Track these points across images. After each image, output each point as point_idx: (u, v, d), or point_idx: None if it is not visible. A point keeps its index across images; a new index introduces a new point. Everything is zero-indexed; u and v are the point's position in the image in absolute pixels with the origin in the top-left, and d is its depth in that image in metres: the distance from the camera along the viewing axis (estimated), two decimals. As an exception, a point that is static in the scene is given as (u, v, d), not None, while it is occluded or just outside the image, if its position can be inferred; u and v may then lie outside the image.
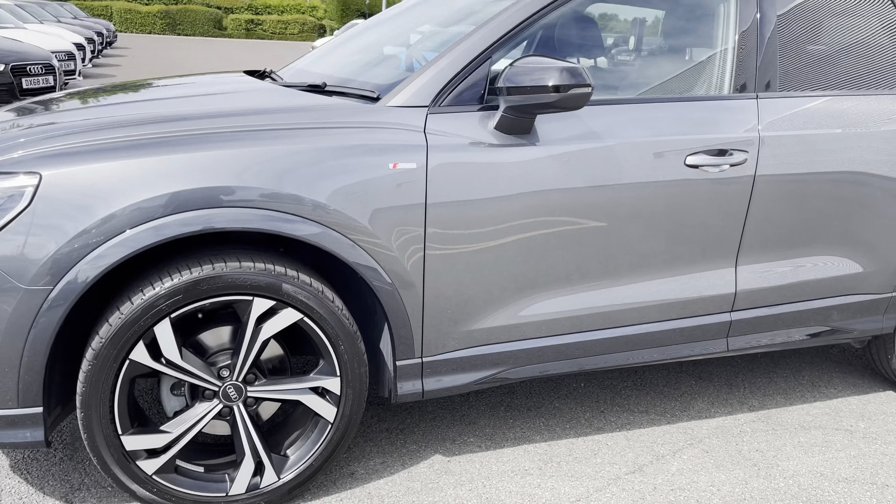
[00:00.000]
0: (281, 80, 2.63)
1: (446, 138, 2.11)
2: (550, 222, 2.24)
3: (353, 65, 2.76)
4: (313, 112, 2.10)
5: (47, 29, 14.92)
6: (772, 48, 2.54)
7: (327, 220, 1.97)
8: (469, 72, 2.19)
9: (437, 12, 3.08)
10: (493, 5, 2.50)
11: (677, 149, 2.35)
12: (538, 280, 2.29)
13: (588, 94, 2.08)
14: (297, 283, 2.00)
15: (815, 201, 2.58)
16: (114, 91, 2.71)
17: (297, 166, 1.94)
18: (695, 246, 2.47)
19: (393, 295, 2.10)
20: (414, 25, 3.08)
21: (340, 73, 2.59)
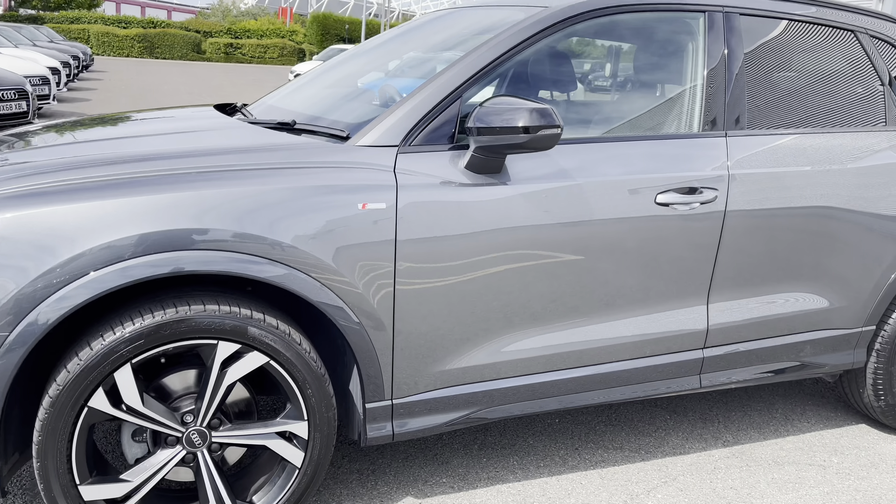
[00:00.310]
0: (250, 117, 2.60)
1: (416, 178, 2.10)
2: (522, 261, 2.23)
3: (325, 101, 2.74)
4: (281, 152, 2.08)
5: (22, 53, 14.78)
6: (740, 86, 2.57)
7: (294, 260, 1.94)
8: (439, 111, 2.18)
9: (413, 46, 3.09)
10: (469, 41, 2.51)
11: (648, 187, 2.35)
12: (511, 318, 2.28)
13: (557, 134, 2.08)
14: (264, 325, 1.96)
15: (785, 238, 2.60)
16: (82, 127, 2.67)
17: (264, 207, 1.91)
18: (667, 283, 2.47)
19: (361, 335, 2.07)
20: (389, 59, 3.08)
21: (311, 109, 2.57)
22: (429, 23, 3.07)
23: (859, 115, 2.79)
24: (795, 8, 2.76)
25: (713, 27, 2.56)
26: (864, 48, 2.84)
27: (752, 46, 2.64)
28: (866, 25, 2.87)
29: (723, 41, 2.57)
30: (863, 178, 2.68)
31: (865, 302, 2.81)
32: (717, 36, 2.56)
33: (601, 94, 2.91)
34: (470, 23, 2.77)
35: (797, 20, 2.75)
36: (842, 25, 2.81)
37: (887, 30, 2.91)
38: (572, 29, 2.42)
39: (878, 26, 2.90)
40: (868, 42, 2.85)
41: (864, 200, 2.68)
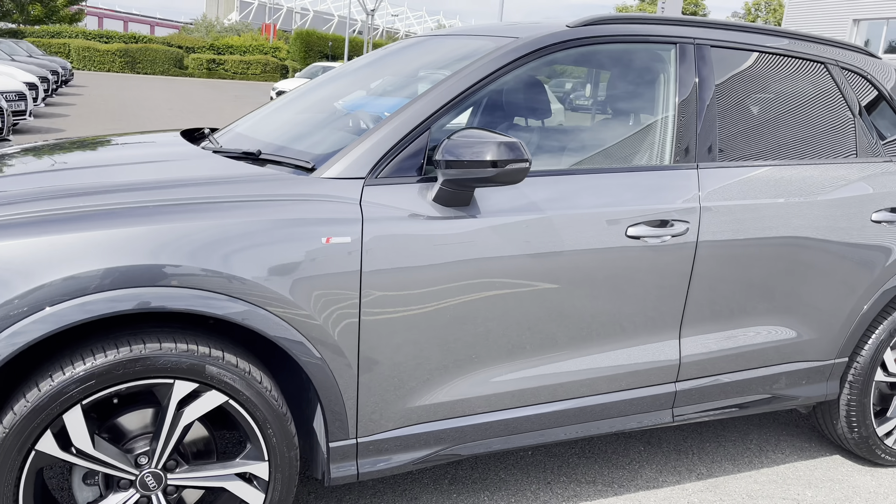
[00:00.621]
0: (216, 145, 2.55)
1: (383, 210, 2.06)
2: (492, 295, 2.19)
3: (295, 129, 2.69)
4: (242, 184, 2.03)
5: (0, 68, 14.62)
6: (711, 117, 2.56)
7: (253, 296, 1.88)
8: (407, 143, 2.15)
9: (385, 73, 3.06)
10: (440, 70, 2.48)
11: (618, 220, 2.32)
12: (482, 352, 2.23)
13: (525, 169, 2.05)
14: (222, 364, 1.90)
15: (757, 271, 2.58)
16: (42, 154, 2.60)
17: (222, 242, 1.86)
18: (638, 316, 2.44)
19: (324, 370, 2.01)
20: (360, 87, 3.05)
21: (280, 138, 2.52)
22: (402, 50, 3.04)
23: (830, 146, 2.80)
24: (766, 40, 2.76)
25: (684, 59, 2.56)
26: (834, 80, 2.84)
27: (723, 78, 2.64)
28: (836, 57, 2.88)
29: (694, 73, 2.56)
30: (834, 210, 2.67)
31: (838, 334, 2.79)
32: (689, 68, 2.56)
33: (572, 126, 2.89)
34: (443, 52, 2.75)
35: (768, 52, 2.75)
36: (812, 57, 2.82)
37: (857, 61, 2.93)
38: (543, 60, 2.40)
39: (847, 57, 2.91)
40: (838, 73, 2.86)
41: (835, 233, 2.67)
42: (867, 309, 2.80)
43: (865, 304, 2.79)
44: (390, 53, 3.09)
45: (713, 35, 2.65)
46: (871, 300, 2.80)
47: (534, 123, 2.65)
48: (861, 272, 2.76)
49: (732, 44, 2.68)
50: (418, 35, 3.14)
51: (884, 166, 2.85)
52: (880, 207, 2.76)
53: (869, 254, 2.75)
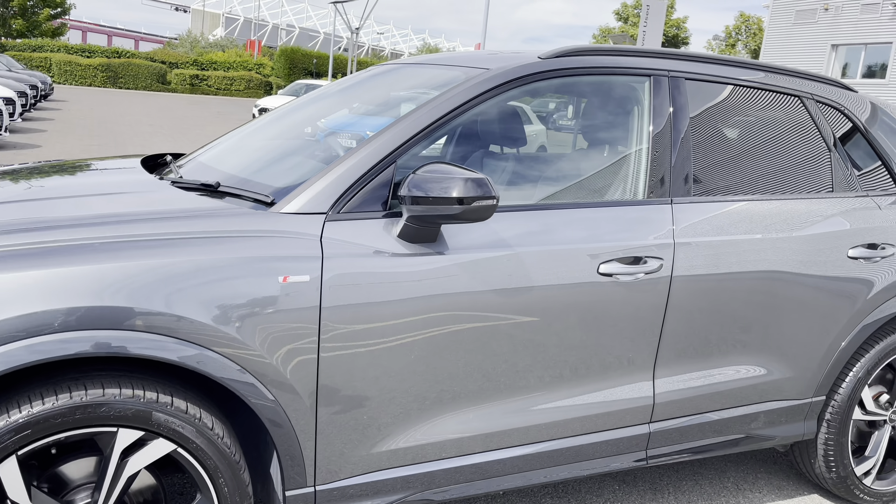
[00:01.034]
0: (176, 174, 2.46)
1: (345, 247, 1.97)
2: (459, 334, 2.10)
3: (258, 159, 2.60)
4: (196, 220, 1.93)
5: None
6: (686, 152, 2.51)
7: (203, 339, 1.79)
8: (372, 177, 2.07)
9: (360, 100, 2.99)
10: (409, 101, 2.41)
11: (590, 256, 2.26)
12: (448, 394, 2.15)
13: (492, 206, 1.98)
14: (170, 410, 1.79)
15: (732, 309, 2.52)
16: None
17: (172, 282, 1.77)
18: (611, 356, 2.36)
19: (278, 413, 1.91)
20: (333, 114, 2.98)
21: (242, 169, 2.43)
22: (374, 78, 2.97)
23: (806, 180, 2.76)
24: (742, 73, 2.73)
25: (659, 91, 2.51)
26: (809, 113, 2.81)
27: (698, 111, 2.59)
28: (811, 90, 2.85)
29: (668, 105, 2.51)
30: (810, 247, 2.62)
31: (815, 372, 2.74)
32: (663, 100, 2.51)
33: (544, 159, 2.83)
34: (414, 82, 2.68)
35: (744, 85, 2.71)
36: (788, 90, 2.79)
37: (832, 94, 2.90)
38: (513, 92, 2.34)
39: (822, 91, 2.88)
40: (814, 107, 2.83)
41: (811, 269, 2.62)
42: (845, 346, 2.75)
43: (843, 341, 2.74)
44: (363, 81, 3.02)
45: (688, 67, 2.61)
46: (849, 337, 2.75)
47: (505, 156, 2.59)
48: (838, 309, 2.70)
49: (707, 76, 2.64)
50: (393, 62, 3.07)
51: (860, 201, 2.81)
52: (857, 243, 2.72)
53: (846, 291, 2.70)
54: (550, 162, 2.78)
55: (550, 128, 2.90)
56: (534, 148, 2.79)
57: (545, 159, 2.81)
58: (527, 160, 2.67)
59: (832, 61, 23.08)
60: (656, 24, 15.44)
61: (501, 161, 2.58)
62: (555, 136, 2.85)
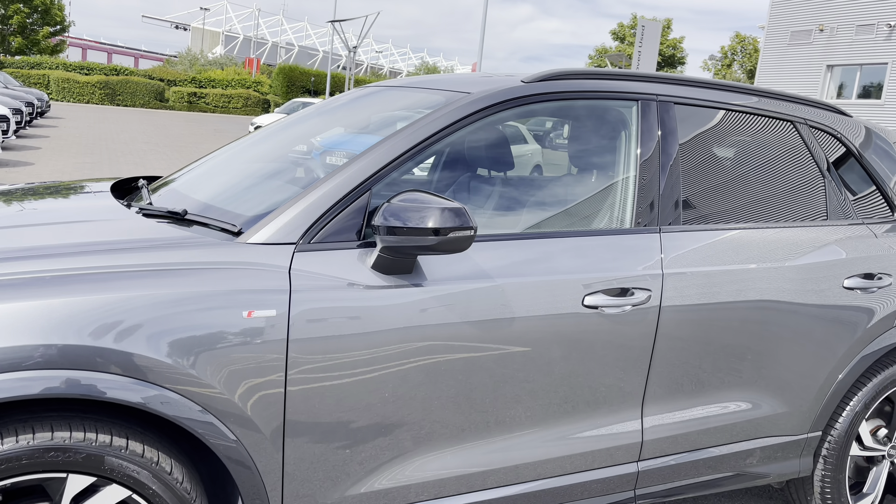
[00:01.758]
0: (147, 200, 2.36)
1: (315, 280, 1.88)
2: (436, 369, 2.00)
3: (231, 185, 2.50)
4: (157, 251, 1.84)
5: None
6: (675, 179, 2.42)
7: (163, 378, 1.69)
8: (345, 205, 1.98)
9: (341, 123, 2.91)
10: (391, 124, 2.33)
11: (575, 289, 2.16)
12: (423, 434, 2.04)
13: (470, 237, 1.89)
14: (125, 454, 1.69)
15: (724, 342, 2.42)
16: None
17: (127, 317, 1.67)
18: (597, 392, 2.26)
19: (241, 453, 1.80)
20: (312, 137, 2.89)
21: (214, 195, 2.33)
22: (357, 101, 2.89)
23: (799, 208, 2.67)
24: (732, 97, 2.65)
25: (647, 116, 2.43)
26: (802, 138, 2.73)
27: (688, 137, 2.51)
28: (804, 115, 2.77)
29: (657, 131, 2.43)
30: (803, 277, 2.53)
31: (811, 406, 2.64)
32: (651, 126, 2.42)
33: (527, 186, 2.74)
34: (395, 105, 2.60)
35: (734, 110, 2.63)
36: (780, 115, 2.71)
37: (825, 119, 2.82)
38: (496, 117, 2.26)
39: (817, 116, 2.81)
40: (807, 132, 2.75)
41: (805, 300, 2.53)
42: (842, 379, 2.65)
43: (840, 375, 2.64)
44: (346, 103, 2.94)
45: (677, 92, 2.53)
46: (846, 370, 2.65)
47: (486, 183, 2.50)
48: (835, 341, 2.61)
49: (698, 101, 2.56)
50: (378, 83, 2.99)
51: (855, 229, 2.72)
52: (852, 273, 2.63)
53: (842, 322, 2.61)
54: (534, 189, 2.69)
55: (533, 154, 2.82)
56: (516, 175, 2.71)
57: (528, 187, 2.72)
58: (509, 187, 2.58)
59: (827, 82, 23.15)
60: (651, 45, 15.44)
61: (481, 188, 2.49)
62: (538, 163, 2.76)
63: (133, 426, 1.76)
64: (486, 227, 2.22)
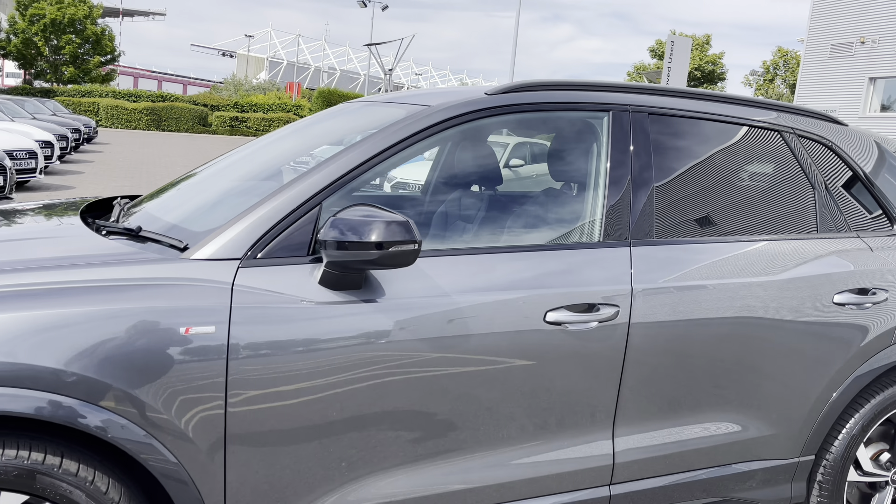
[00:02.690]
0: (114, 218, 2.38)
1: (259, 296, 1.85)
2: (387, 388, 1.95)
3: (201, 202, 2.49)
4: (97, 267, 1.83)
5: (14, 126, 14.91)
6: (647, 191, 2.34)
7: (94, 396, 1.67)
8: (293, 220, 1.96)
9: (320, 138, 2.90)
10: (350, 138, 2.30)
11: (536, 304, 2.09)
12: (374, 456, 1.99)
13: (414, 251, 1.85)
14: (57, 472, 1.68)
15: (701, 360, 2.32)
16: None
17: (59, 334, 1.66)
18: (563, 411, 2.18)
19: (180, 474, 1.77)
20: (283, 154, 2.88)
21: (178, 212, 2.32)
22: (329, 117, 2.88)
23: (785, 221, 2.56)
24: (714, 107, 2.56)
25: (618, 127, 2.36)
26: (790, 148, 2.62)
27: (664, 148, 2.43)
28: (793, 124, 2.66)
29: (629, 142, 2.35)
30: (788, 292, 2.41)
31: (802, 429, 2.50)
32: (623, 137, 2.35)
33: (490, 199, 2.68)
34: (362, 121, 2.58)
35: (716, 120, 2.54)
36: (764, 125, 2.61)
37: (818, 128, 2.70)
38: (456, 129, 2.22)
39: (806, 125, 2.69)
40: (795, 142, 2.63)
41: (791, 316, 2.41)
42: (835, 400, 2.51)
43: (832, 395, 2.50)
44: (323, 119, 2.93)
45: (653, 102, 2.45)
46: (840, 390, 2.51)
47: (447, 196, 2.45)
48: (825, 360, 2.48)
49: (675, 111, 2.48)
50: (358, 100, 2.98)
51: (849, 242, 2.59)
52: (843, 288, 2.50)
53: (833, 340, 2.48)
54: (496, 202, 2.63)
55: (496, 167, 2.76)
56: (478, 187, 2.65)
57: (490, 200, 2.66)
58: (470, 201, 2.53)
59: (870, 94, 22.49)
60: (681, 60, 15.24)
61: (441, 201, 2.45)
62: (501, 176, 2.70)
63: (72, 445, 1.75)
64: (444, 241, 2.18)
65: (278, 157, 2.68)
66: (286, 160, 2.60)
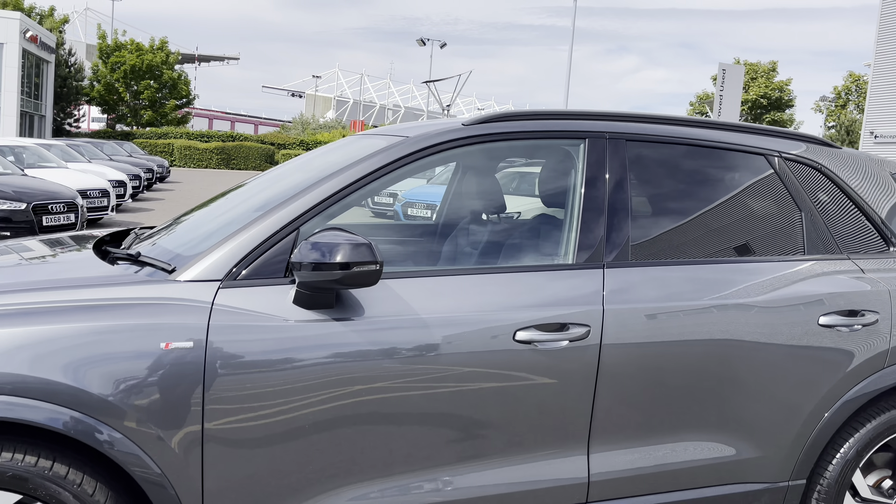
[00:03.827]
0: (127, 245, 2.59)
1: (236, 315, 2.00)
2: (359, 405, 2.06)
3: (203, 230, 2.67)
4: (87, 288, 2.01)
5: (91, 167, 15.88)
6: (623, 215, 2.40)
7: (82, 405, 1.84)
8: (271, 244, 2.11)
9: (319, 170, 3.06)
10: None
11: (505, 323, 2.17)
12: (347, 470, 2.09)
13: (375, 272, 1.97)
14: (48, 475, 1.85)
15: (679, 381, 2.34)
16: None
17: (50, 348, 1.84)
18: (535, 428, 2.24)
19: (163, 486, 1.92)
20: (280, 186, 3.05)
21: (180, 240, 2.51)
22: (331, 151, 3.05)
23: (770, 243, 2.57)
24: (695, 132, 2.61)
25: (594, 153, 2.43)
26: (777, 172, 2.63)
27: (643, 173, 2.50)
28: (779, 148, 2.68)
29: (605, 168, 2.42)
30: (771, 313, 2.41)
31: (789, 452, 2.48)
32: (598, 162, 2.42)
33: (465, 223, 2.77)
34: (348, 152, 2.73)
35: (697, 145, 2.59)
36: (748, 149, 2.64)
37: (805, 151, 2.71)
38: (433, 158, 2.34)
39: (793, 148, 2.70)
40: (782, 165, 2.65)
41: (773, 339, 2.41)
42: (825, 423, 2.48)
43: (821, 418, 2.48)
44: (323, 154, 3.10)
45: (632, 128, 2.52)
46: (829, 413, 2.48)
47: (423, 220, 2.57)
48: (812, 383, 2.46)
49: (655, 137, 2.54)
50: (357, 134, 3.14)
51: (838, 264, 2.58)
52: (830, 310, 2.48)
53: (819, 362, 2.46)
54: (472, 226, 2.73)
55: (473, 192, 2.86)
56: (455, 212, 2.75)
57: (466, 224, 2.75)
58: (445, 225, 2.64)
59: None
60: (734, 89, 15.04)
61: (417, 226, 2.57)
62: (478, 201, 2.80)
63: (66, 450, 1.92)
64: (419, 263, 2.29)
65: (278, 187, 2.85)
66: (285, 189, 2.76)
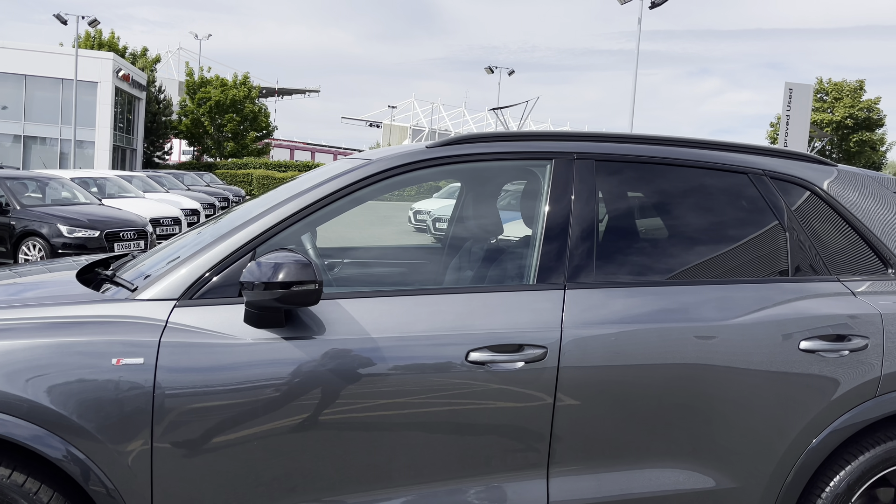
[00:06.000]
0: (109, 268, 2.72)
1: (188, 333, 2.08)
2: (308, 423, 2.09)
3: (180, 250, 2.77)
4: (55, 307, 2.13)
5: (167, 197, 16.72)
6: (588, 235, 2.36)
7: (37, 418, 1.94)
8: (227, 265, 2.18)
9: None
10: None
11: (457, 344, 2.17)
12: (297, 489, 2.11)
13: (315, 290, 2.01)
14: (6, 483, 1.95)
15: (645, 405, 2.27)
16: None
17: (10, 362, 1.96)
18: (493, 451, 2.21)
19: (114, 497, 2.00)
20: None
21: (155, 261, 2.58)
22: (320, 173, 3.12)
23: (749, 264, 2.47)
24: (667, 151, 2.54)
25: (560, 174, 2.41)
26: (759, 191, 2.54)
27: (612, 194, 2.46)
28: (763, 165, 2.58)
29: (570, 188, 2.40)
30: (745, 337, 2.31)
31: (769, 483, 2.35)
32: (563, 184, 2.40)
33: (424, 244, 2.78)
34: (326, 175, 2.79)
35: (672, 164, 2.52)
36: (729, 167, 2.55)
37: (792, 169, 2.60)
38: (395, 180, 2.38)
39: (780, 166, 2.60)
40: (766, 183, 2.55)
41: (747, 364, 2.30)
42: (811, 454, 2.34)
43: (805, 449, 2.34)
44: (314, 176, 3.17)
45: (601, 149, 2.49)
46: (814, 444, 2.34)
47: (383, 242, 2.59)
48: (791, 411, 2.33)
49: (625, 157, 2.50)
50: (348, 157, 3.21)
51: (824, 286, 2.45)
52: (813, 334, 2.35)
53: (801, 389, 2.33)
54: (430, 248, 2.73)
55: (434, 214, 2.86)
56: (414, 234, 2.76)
57: (424, 246, 2.76)
58: (403, 247, 2.64)
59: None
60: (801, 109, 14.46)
61: (376, 248, 2.59)
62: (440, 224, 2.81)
63: (27, 460, 2.02)
64: (375, 283, 2.32)
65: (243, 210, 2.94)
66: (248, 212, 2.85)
